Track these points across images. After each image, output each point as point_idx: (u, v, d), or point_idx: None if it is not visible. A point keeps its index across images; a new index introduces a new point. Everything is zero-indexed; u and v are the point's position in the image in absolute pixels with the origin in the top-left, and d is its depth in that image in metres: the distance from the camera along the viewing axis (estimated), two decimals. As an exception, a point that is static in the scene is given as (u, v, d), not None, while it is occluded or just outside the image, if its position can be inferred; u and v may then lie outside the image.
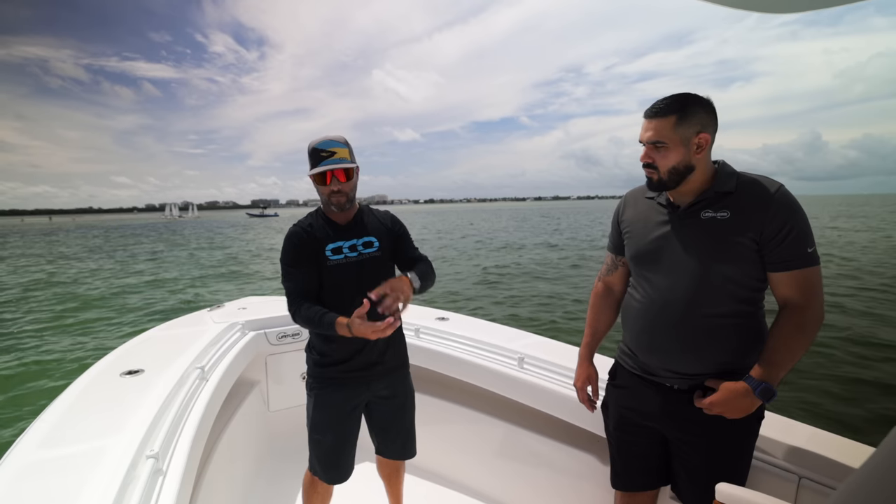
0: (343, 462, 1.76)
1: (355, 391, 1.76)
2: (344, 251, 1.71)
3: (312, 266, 1.68)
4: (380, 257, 1.76)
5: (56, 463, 1.20)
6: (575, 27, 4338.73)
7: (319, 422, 1.73)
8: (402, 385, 1.86)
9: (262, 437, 2.63)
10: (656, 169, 1.33)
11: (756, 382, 1.22)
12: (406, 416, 1.89)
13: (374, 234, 1.78)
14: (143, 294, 11.84)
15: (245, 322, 2.58)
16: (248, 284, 13.43)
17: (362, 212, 1.81)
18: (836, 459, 1.33)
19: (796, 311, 1.24)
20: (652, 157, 1.33)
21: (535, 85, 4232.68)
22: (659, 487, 1.55)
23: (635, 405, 1.48)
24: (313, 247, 1.69)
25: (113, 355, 2.04)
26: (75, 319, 9.08)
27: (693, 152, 1.29)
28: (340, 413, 1.74)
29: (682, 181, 1.33)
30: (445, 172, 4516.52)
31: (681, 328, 1.33)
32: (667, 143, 1.29)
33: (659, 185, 1.36)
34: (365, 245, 1.75)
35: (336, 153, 1.65)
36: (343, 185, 1.66)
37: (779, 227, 1.22)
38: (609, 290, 1.66)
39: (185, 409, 1.59)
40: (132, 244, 31.04)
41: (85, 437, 1.32)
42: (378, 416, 1.85)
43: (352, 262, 1.71)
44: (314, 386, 1.75)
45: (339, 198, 1.67)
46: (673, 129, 1.28)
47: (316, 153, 1.65)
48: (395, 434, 1.87)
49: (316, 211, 1.79)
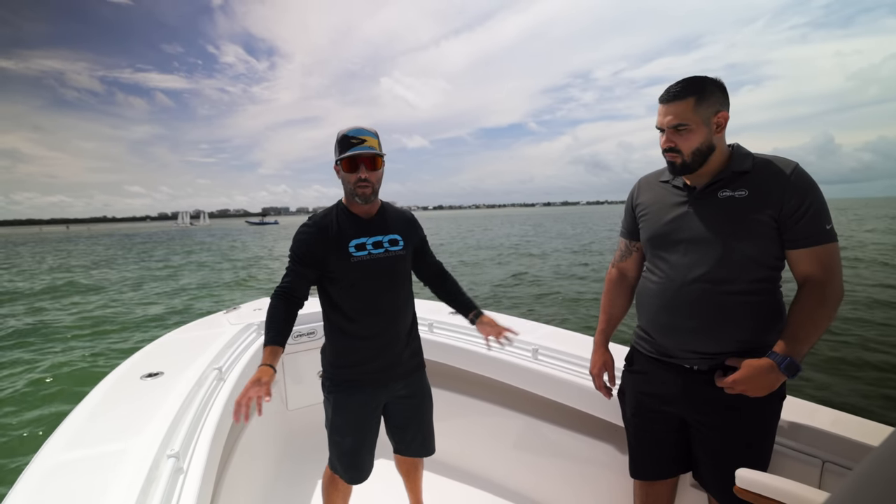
0: (362, 462, 1.75)
1: (374, 393, 1.74)
2: (368, 247, 1.65)
3: (319, 265, 1.63)
4: (404, 256, 1.73)
5: (81, 464, 1.23)
6: (582, 33, 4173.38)
7: (339, 424, 1.71)
8: (420, 384, 1.85)
9: (281, 435, 2.65)
10: (679, 152, 1.33)
11: (781, 357, 1.21)
12: (425, 413, 1.87)
13: (399, 232, 1.74)
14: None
15: (260, 323, 2.60)
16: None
17: (385, 207, 1.77)
18: (862, 441, 1.30)
19: (817, 286, 1.23)
20: (674, 140, 1.33)
21: (543, 91, 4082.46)
22: (678, 475, 1.53)
23: (653, 390, 1.47)
24: (331, 243, 1.62)
25: (133, 359, 2.08)
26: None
27: (714, 132, 1.30)
28: (360, 415, 1.72)
29: (704, 162, 1.33)
30: (454, 179, 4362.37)
31: (701, 307, 1.32)
32: (689, 125, 1.29)
33: (682, 169, 1.35)
34: (391, 242, 1.70)
35: (366, 141, 1.60)
36: (370, 174, 1.60)
37: (797, 204, 1.23)
38: (623, 275, 1.66)
39: (203, 409, 1.62)
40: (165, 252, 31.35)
41: (108, 439, 1.36)
42: (396, 415, 1.84)
43: (376, 258, 1.65)
44: (332, 388, 1.72)
45: (364, 188, 1.61)
46: (693, 111, 1.28)
47: (346, 140, 1.60)
48: (414, 432, 1.86)
49: (336, 205, 1.72)
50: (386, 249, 1.69)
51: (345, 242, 1.63)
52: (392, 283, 1.70)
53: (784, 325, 1.27)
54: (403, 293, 1.76)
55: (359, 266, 1.63)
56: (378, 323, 1.68)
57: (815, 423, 1.40)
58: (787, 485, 1.02)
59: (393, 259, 1.70)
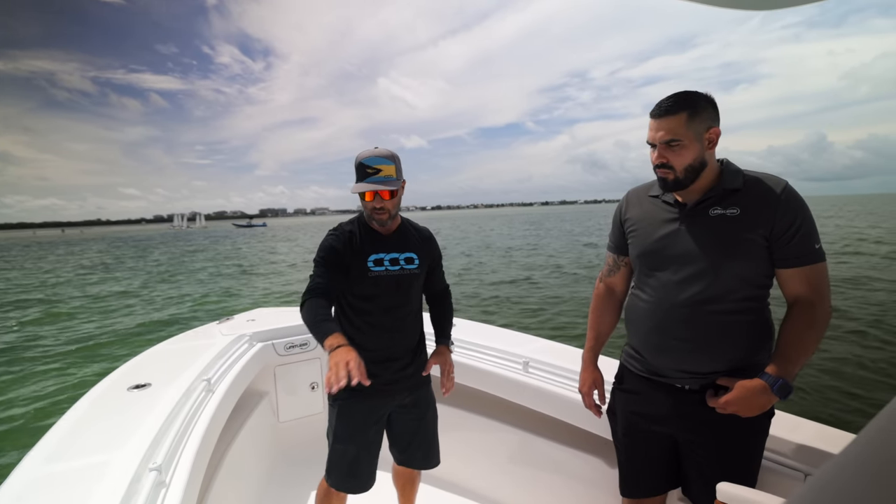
0: (364, 472, 1.75)
1: (380, 402, 1.74)
2: (385, 263, 1.69)
3: (345, 272, 1.65)
4: (418, 275, 1.77)
5: (61, 477, 1.21)
6: (580, 32, 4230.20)
7: (342, 433, 1.71)
8: (425, 396, 1.86)
9: (273, 447, 2.63)
10: (672, 168, 1.31)
11: (773, 379, 1.20)
12: (430, 425, 1.88)
13: (416, 251, 1.77)
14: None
15: (252, 334, 2.58)
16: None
17: (404, 225, 1.80)
18: None
19: (806, 306, 1.23)
20: (666, 156, 1.30)
21: (541, 90, 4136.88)
22: (668, 491, 1.52)
23: (644, 409, 1.45)
24: (353, 254, 1.66)
25: (121, 370, 2.05)
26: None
27: (706, 148, 1.29)
28: (364, 424, 1.72)
29: (696, 179, 1.31)
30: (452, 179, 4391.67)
31: (692, 326, 1.31)
32: (682, 141, 1.27)
33: (675, 185, 1.33)
34: (407, 261, 1.73)
35: (382, 171, 1.61)
36: (386, 203, 1.64)
37: (788, 224, 1.22)
38: (611, 291, 1.64)
39: (189, 421, 1.60)
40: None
41: (89, 451, 1.33)
42: (401, 426, 1.84)
43: (392, 275, 1.69)
44: (337, 397, 1.71)
45: (381, 215, 1.65)
46: (686, 126, 1.26)
47: (362, 168, 1.62)
48: (418, 444, 1.86)
49: (357, 218, 1.76)
50: (402, 267, 1.72)
51: (364, 256, 1.67)
52: (404, 300, 1.74)
53: (775, 345, 1.26)
54: (414, 310, 1.79)
55: (375, 281, 1.67)
56: (387, 337, 1.71)
57: (799, 437, 1.40)
58: (764, 498, 1.03)
59: (408, 277, 1.73)
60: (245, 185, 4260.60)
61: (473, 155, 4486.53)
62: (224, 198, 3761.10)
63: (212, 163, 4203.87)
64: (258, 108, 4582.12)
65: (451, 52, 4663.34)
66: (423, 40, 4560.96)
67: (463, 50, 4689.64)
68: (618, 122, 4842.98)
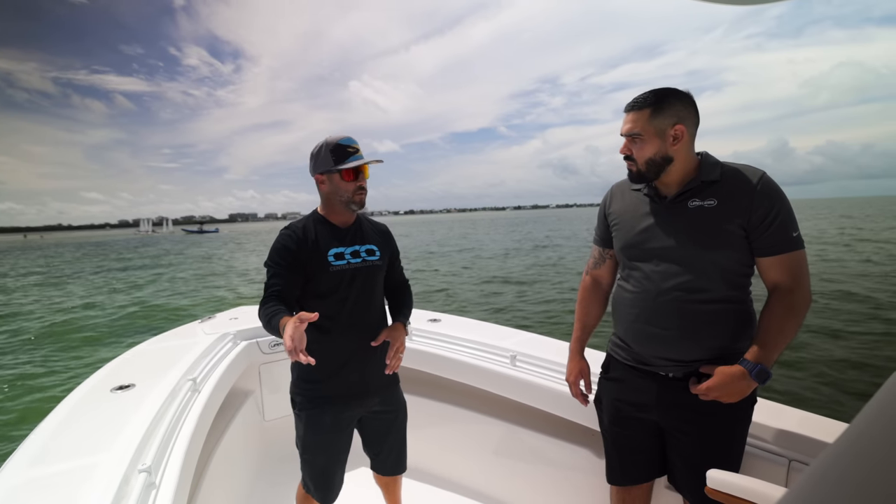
0: (334, 482, 1.71)
1: (347, 409, 1.69)
2: (346, 257, 1.65)
3: (301, 271, 1.60)
4: (381, 267, 1.73)
5: (46, 481, 1.18)
6: (550, 38, 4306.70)
7: (311, 443, 1.67)
8: (395, 399, 1.82)
9: (259, 446, 2.59)
10: (634, 161, 1.37)
11: (752, 365, 1.25)
12: (399, 430, 1.84)
13: (375, 242, 1.75)
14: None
15: (237, 332, 2.55)
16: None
17: (360, 218, 1.77)
18: (825, 440, 1.35)
19: (786, 293, 1.27)
20: (630, 148, 1.37)
21: (513, 95, 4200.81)
22: (654, 479, 1.56)
23: (630, 397, 1.49)
24: (310, 251, 1.61)
25: (103, 371, 2.00)
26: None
27: (669, 144, 1.33)
28: (332, 433, 1.67)
29: (661, 172, 1.36)
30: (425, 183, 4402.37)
31: (675, 316, 1.35)
32: (642, 135, 1.34)
33: (638, 177, 1.40)
34: (368, 252, 1.70)
35: (359, 150, 1.64)
36: (365, 183, 1.65)
37: (765, 213, 1.26)
38: (597, 283, 1.68)
39: (177, 421, 1.57)
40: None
41: (75, 454, 1.30)
42: (371, 431, 1.81)
43: (353, 268, 1.65)
44: (304, 405, 1.67)
45: (362, 195, 1.64)
46: (648, 121, 1.32)
47: (341, 149, 1.59)
48: (388, 449, 1.83)
49: (312, 215, 1.71)
50: (363, 259, 1.68)
51: (324, 251, 1.62)
52: (369, 294, 1.69)
53: (755, 332, 1.30)
54: (378, 304, 1.74)
55: (337, 275, 1.62)
56: (353, 337, 1.66)
57: (782, 424, 1.45)
58: (755, 484, 1.06)
59: (371, 269, 1.69)
60: (214, 189, 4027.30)
61: (446, 159, 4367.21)
62: (192, 202, 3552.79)
63: (180, 166, 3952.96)
64: (228, 111, 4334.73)
65: (424, 57, 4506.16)
66: (396, 44, 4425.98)
67: (435, 55, 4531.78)
68: (588, 128, 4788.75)
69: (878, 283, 10.05)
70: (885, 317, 7.24)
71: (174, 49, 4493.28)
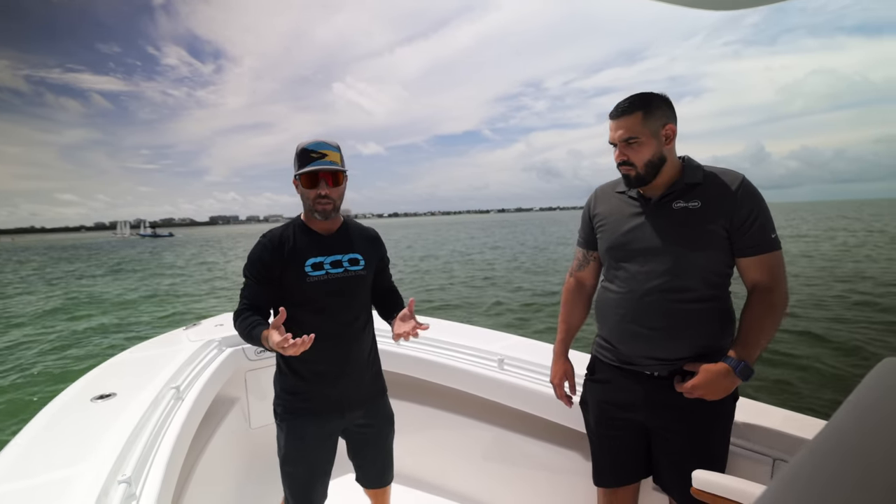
0: (316, 495, 1.66)
1: (329, 421, 1.64)
2: (326, 267, 1.58)
3: (276, 282, 1.55)
4: (364, 276, 1.66)
5: (23, 494, 1.14)
6: (534, 43, 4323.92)
7: (292, 455, 1.61)
8: (381, 411, 1.77)
9: (243, 455, 2.54)
10: (633, 165, 1.38)
11: (735, 362, 1.27)
12: (384, 443, 1.79)
13: (361, 251, 1.67)
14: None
15: (222, 339, 2.50)
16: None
17: (347, 224, 1.69)
18: (808, 438, 1.38)
19: (765, 292, 1.31)
20: (627, 154, 1.38)
21: (497, 99, 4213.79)
22: (641, 479, 1.57)
23: (615, 398, 1.50)
24: (287, 261, 1.54)
25: (83, 380, 1.95)
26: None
27: (663, 144, 1.36)
28: (314, 445, 1.62)
29: (657, 174, 1.38)
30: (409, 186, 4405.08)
31: (659, 315, 1.37)
32: (639, 138, 1.35)
33: (637, 181, 1.40)
34: (351, 262, 1.63)
35: (327, 156, 1.54)
36: (331, 191, 1.54)
37: (746, 215, 1.30)
38: (581, 285, 1.69)
39: (159, 430, 1.53)
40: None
41: (53, 466, 1.26)
42: (355, 444, 1.76)
43: (334, 278, 1.58)
44: (285, 416, 1.61)
45: (325, 204, 1.54)
46: (642, 124, 1.35)
47: (305, 154, 1.53)
48: (371, 462, 1.78)
49: (294, 220, 1.65)
50: (346, 269, 1.61)
51: (301, 261, 1.55)
52: (351, 305, 1.63)
53: (737, 330, 1.33)
54: (363, 315, 1.68)
55: (315, 287, 1.56)
56: (335, 351, 1.60)
57: (766, 423, 1.47)
58: (740, 484, 1.07)
59: (353, 280, 1.62)
60: (195, 191, 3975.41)
61: (431, 162, 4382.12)
62: (172, 204, 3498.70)
63: (159, 168, 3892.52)
64: (209, 111, 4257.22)
65: (408, 60, 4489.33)
66: (380, 46, 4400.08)
67: (420, 57, 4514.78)
68: (571, 131, 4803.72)
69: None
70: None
71: (153, 48, 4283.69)
